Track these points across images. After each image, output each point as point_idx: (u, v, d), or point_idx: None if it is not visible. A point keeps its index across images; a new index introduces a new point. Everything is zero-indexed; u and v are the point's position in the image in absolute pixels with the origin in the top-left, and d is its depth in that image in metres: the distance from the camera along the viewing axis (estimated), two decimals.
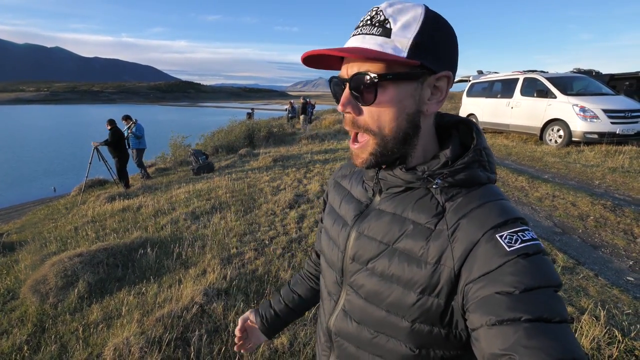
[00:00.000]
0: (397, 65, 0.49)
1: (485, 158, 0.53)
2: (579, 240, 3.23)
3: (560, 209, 3.91)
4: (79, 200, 6.37)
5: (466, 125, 0.58)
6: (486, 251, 0.45)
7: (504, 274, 0.43)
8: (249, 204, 4.78)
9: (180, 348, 2.09)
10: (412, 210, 0.54)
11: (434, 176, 0.52)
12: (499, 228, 0.46)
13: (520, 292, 0.41)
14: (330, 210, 0.71)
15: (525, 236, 0.45)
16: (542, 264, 0.43)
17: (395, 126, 0.51)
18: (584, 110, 6.65)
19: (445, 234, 0.50)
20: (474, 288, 0.45)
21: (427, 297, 0.50)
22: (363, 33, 0.50)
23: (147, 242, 3.65)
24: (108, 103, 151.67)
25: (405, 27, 0.48)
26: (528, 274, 0.42)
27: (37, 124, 39.05)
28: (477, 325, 0.43)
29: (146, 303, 2.65)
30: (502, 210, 0.48)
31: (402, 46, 0.48)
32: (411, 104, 0.51)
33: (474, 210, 0.49)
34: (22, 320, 2.66)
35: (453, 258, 0.48)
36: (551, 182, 4.79)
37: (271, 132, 11.13)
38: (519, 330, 0.39)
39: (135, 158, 7.69)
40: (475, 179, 0.52)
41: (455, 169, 0.51)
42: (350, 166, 0.74)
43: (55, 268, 3.03)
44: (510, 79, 8.64)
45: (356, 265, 0.59)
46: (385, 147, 0.52)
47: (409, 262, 0.52)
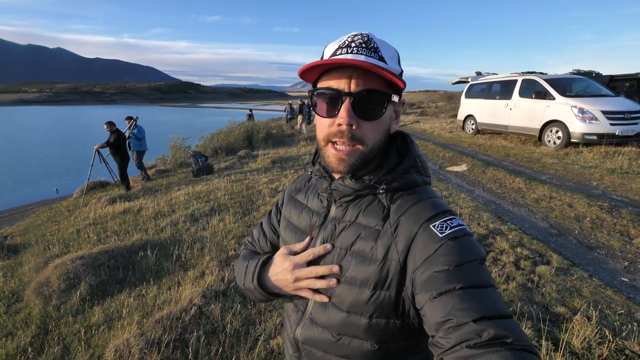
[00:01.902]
0: (389, 88, 0.57)
1: (420, 164, 0.62)
2: (574, 241, 3.26)
3: (557, 210, 3.94)
4: (81, 203, 6.43)
5: (401, 137, 0.66)
6: (424, 240, 0.53)
7: (439, 256, 0.50)
8: (248, 206, 4.82)
9: (179, 349, 2.13)
10: (363, 215, 0.60)
11: (380, 183, 0.59)
12: (432, 220, 0.54)
13: (453, 268, 0.48)
14: (289, 224, 0.73)
15: (453, 223, 0.54)
16: (468, 244, 0.52)
17: (379, 139, 0.59)
18: (583, 112, 6.66)
19: (390, 232, 0.57)
20: (418, 273, 0.51)
21: (380, 292, 0.56)
22: (364, 54, 0.56)
23: (147, 245, 3.70)
24: (109, 104, 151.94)
25: (392, 59, 0.58)
26: (458, 252, 0.50)
27: (39, 126, 39.18)
28: (422, 302, 0.50)
29: (146, 305, 2.70)
30: (433, 206, 0.57)
31: (395, 72, 0.56)
32: (389, 122, 0.61)
33: (411, 208, 0.57)
34: (26, 322, 2.71)
35: (397, 251, 0.55)
36: (548, 184, 4.82)
37: (270, 133, 11.17)
38: (454, 297, 0.46)
39: (135, 160, 7.74)
40: (412, 182, 0.60)
41: (396, 175, 0.60)
42: (302, 180, 0.78)
43: (58, 270, 3.07)
44: (508, 80, 8.66)
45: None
46: (369, 156, 0.59)
47: (363, 262, 0.58)
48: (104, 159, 6.83)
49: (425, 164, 0.64)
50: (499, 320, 0.43)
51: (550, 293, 2.42)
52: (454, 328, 0.44)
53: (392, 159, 0.62)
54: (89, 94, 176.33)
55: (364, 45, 0.56)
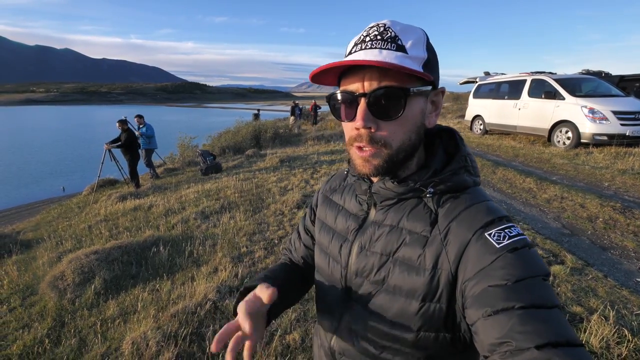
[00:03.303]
0: (414, 80, 0.51)
1: (470, 163, 0.57)
2: (587, 241, 3.23)
3: (569, 211, 3.91)
4: (91, 200, 6.51)
5: (448, 133, 0.61)
6: (477, 250, 0.48)
7: (496, 269, 0.45)
8: (257, 204, 4.85)
9: (195, 343, 2.15)
10: (407, 220, 0.55)
11: (426, 185, 0.54)
12: (487, 227, 0.49)
13: (512, 284, 0.43)
14: (324, 227, 0.70)
15: (512, 232, 0.48)
16: (530, 256, 0.46)
17: (407, 139, 0.53)
18: (593, 112, 6.60)
19: (439, 239, 0.52)
20: (469, 285, 0.47)
21: (429, 304, 0.51)
22: (378, 47, 0.50)
23: (159, 241, 3.73)
24: (116, 104, 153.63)
25: (416, 45, 0.51)
26: (518, 266, 0.45)
27: (46, 125, 39.70)
28: (474, 319, 0.45)
29: (160, 299, 2.73)
30: (488, 211, 0.51)
31: (417, 62, 0.50)
32: (420, 118, 0.54)
33: (462, 213, 0.52)
34: (42, 315, 2.75)
35: (449, 261, 0.50)
36: (560, 184, 4.78)
37: (277, 132, 11.22)
38: (513, 318, 0.41)
39: (144, 158, 7.82)
40: (462, 184, 0.55)
41: (444, 176, 0.54)
42: (338, 179, 0.74)
43: (73, 265, 3.12)
44: (517, 80, 8.60)
45: (359, 279, 0.59)
46: (397, 157, 0.54)
47: (409, 271, 0.53)
48: (115, 157, 6.91)
49: (475, 162, 0.58)
50: (567, 349, 0.38)
51: (565, 292, 2.41)
52: (512, 352, 0.40)
53: (439, 159, 0.56)
54: (95, 94, 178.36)
55: (379, 37, 0.51)
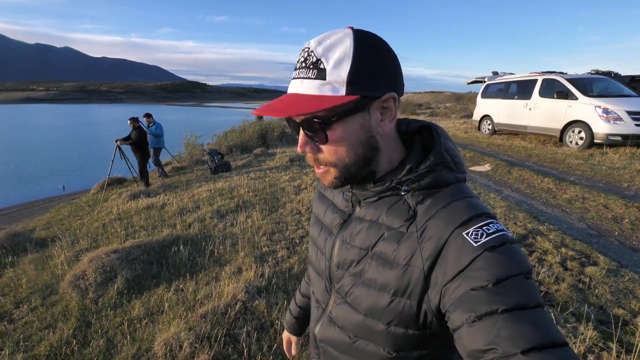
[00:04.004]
0: (339, 105, 0.49)
1: (449, 159, 0.54)
2: (616, 242, 3.18)
3: (592, 211, 3.86)
4: (101, 198, 6.44)
5: (428, 129, 0.60)
6: (455, 250, 0.47)
7: (475, 270, 0.44)
8: (273, 203, 4.79)
9: (230, 344, 2.10)
10: (386, 216, 0.56)
11: (401, 183, 0.54)
12: (464, 225, 0.48)
13: (493, 285, 0.42)
14: (316, 220, 0.73)
15: (490, 229, 0.46)
16: (510, 254, 0.44)
17: (352, 155, 0.53)
18: (607, 112, 6.55)
19: (415, 236, 0.51)
20: (450, 288, 0.45)
21: (399, 299, 0.52)
22: (301, 77, 0.50)
23: (177, 240, 3.68)
24: (115, 102, 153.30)
25: (338, 65, 0.48)
26: (497, 265, 0.43)
27: (45, 123, 39.52)
28: (458, 324, 0.44)
29: (186, 299, 2.67)
30: (466, 208, 0.50)
31: (339, 85, 0.48)
32: (363, 133, 0.52)
33: (440, 211, 0.51)
34: (64, 315, 2.70)
35: (422, 259, 0.49)
36: (579, 184, 4.73)
37: (284, 132, 11.17)
38: (498, 322, 0.40)
39: (152, 156, 7.76)
40: (442, 181, 0.53)
41: (419, 173, 0.53)
42: None
43: (94, 264, 3.06)
44: (528, 80, 8.56)
45: (341, 272, 0.61)
46: (348, 172, 0.55)
47: (384, 266, 0.54)
48: (124, 155, 6.84)
49: (458, 158, 0.56)
50: (552, 351, 0.38)
51: (603, 294, 2.36)
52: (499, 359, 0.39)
53: (414, 157, 0.56)
54: (95, 93, 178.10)
55: (303, 63, 0.50)
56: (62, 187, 9.94)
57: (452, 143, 0.57)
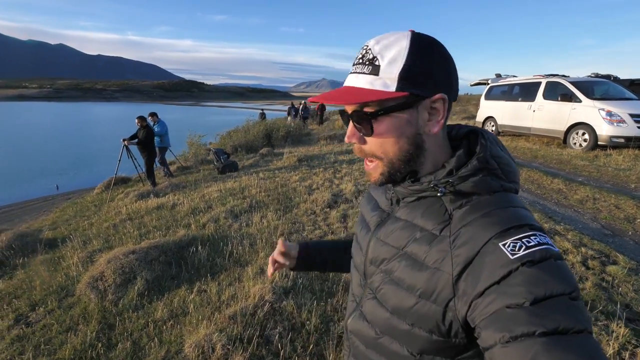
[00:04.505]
0: (388, 99, 0.52)
1: (496, 166, 0.53)
2: (631, 242, 3.23)
3: (604, 212, 3.91)
4: (107, 198, 6.38)
5: (476, 135, 0.59)
6: (489, 261, 0.44)
7: (512, 285, 0.41)
8: (286, 203, 4.78)
9: (264, 346, 2.08)
10: (421, 217, 0.56)
11: (439, 185, 0.54)
12: (502, 235, 0.45)
13: (531, 304, 0.39)
14: (361, 218, 0.76)
15: (531, 242, 0.43)
16: (553, 270, 0.41)
17: (397, 150, 0.55)
18: (611, 115, 6.65)
19: (448, 240, 0.51)
20: (483, 302, 0.43)
21: (425, 302, 0.51)
22: (357, 72, 0.54)
23: (194, 240, 3.65)
24: (111, 101, 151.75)
25: (392, 63, 0.51)
26: (536, 282, 0.40)
27: (38, 122, 38.85)
28: (490, 343, 0.41)
29: (210, 301, 2.65)
30: (508, 217, 0.47)
31: (390, 81, 0.51)
32: (410, 129, 0.54)
33: (479, 219, 0.49)
34: (84, 317, 2.66)
35: (452, 264, 0.48)
36: (588, 185, 4.79)
37: (289, 132, 11.15)
38: (535, 346, 0.37)
39: (158, 156, 7.69)
40: (484, 187, 0.52)
41: (458, 177, 0.52)
42: None
43: (112, 265, 3.02)
44: (531, 82, 8.64)
45: (373, 268, 0.63)
46: (392, 167, 0.57)
47: (413, 266, 0.54)
48: (132, 154, 6.78)
49: (509, 166, 0.54)
50: None
51: (627, 293, 2.39)
52: None
53: (457, 160, 0.55)
54: (90, 91, 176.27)
55: (361, 59, 0.54)
56: (56, 187, 9.74)
57: (502, 150, 0.56)
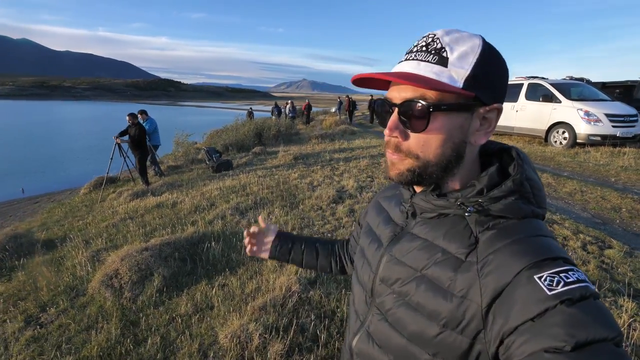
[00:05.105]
0: (450, 95, 0.48)
1: (529, 190, 0.49)
2: (620, 229, 3.51)
3: (593, 203, 4.21)
4: (99, 198, 6.14)
5: (509, 153, 0.54)
6: (523, 295, 0.41)
7: (549, 325, 0.37)
8: (291, 199, 4.80)
9: (299, 334, 2.13)
10: (443, 238, 0.52)
11: (467, 204, 0.50)
12: (537, 268, 0.42)
13: (572, 349, 0.36)
14: (368, 229, 0.71)
15: (570, 277, 0.40)
16: (595, 311, 0.38)
17: (439, 154, 0.50)
18: (588, 114, 7.14)
19: (475, 268, 0.47)
20: (517, 341, 0.39)
21: (450, 332, 0.47)
22: (418, 59, 0.49)
23: (205, 237, 3.61)
24: (80, 100, 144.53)
25: (462, 58, 0.48)
26: (578, 324, 0.36)
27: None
28: None
29: (234, 294, 2.65)
30: (541, 248, 0.44)
31: (458, 76, 0.47)
32: (459, 134, 0.50)
33: (508, 246, 0.45)
34: (102, 316, 2.59)
35: (481, 295, 0.45)
36: (574, 179, 5.13)
37: (280, 131, 11.13)
38: None
39: (149, 154, 7.47)
40: (514, 211, 0.48)
41: (490, 197, 0.48)
42: (393, 188, 0.74)
43: (127, 262, 2.95)
44: (514, 83, 9.09)
45: (384, 287, 0.58)
46: (425, 169, 0.51)
47: (435, 292, 0.50)
48: (124, 152, 6.56)
49: (541, 191, 0.51)
50: None
51: (626, 273, 2.62)
52: None
53: (488, 178, 0.50)
54: (57, 89, 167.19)
55: (424, 47, 0.50)
56: (22, 191, 9.19)
57: (535, 173, 0.52)
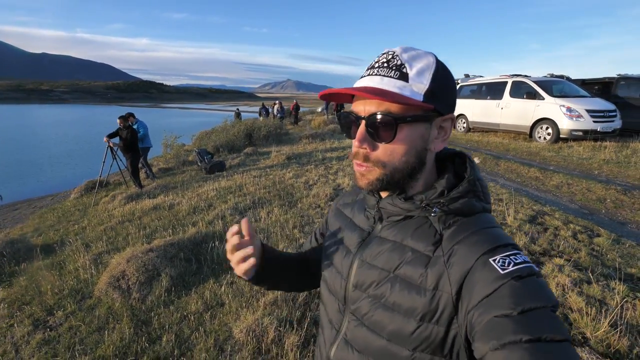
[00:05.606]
0: (412, 108, 0.53)
1: (480, 189, 0.57)
2: (606, 219, 3.72)
3: (579, 194, 4.43)
4: (92, 202, 6.03)
5: (461, 157, 0.62)
6: (481, 276, 0.47)
7: (501, 297, 0.44)
8: (288, 198, 4.85)
9: (313, 326, 2.19)
10: (411, 238, 0.56)
11: (432, 205, 0.55)
12: (492, 253, 0.49)
13: (518, 314, 0.42)
14: (332, 238, 0.72)
15: (518, 259, 0.47)
16: (537, 285, 0.45)
17: (405, 161, 0.55)
18: (570, 110, 7.46)
19: (442, 260, 0.52)
20: (475, 314, 0.45)
21: (427, 324, 0.51)
22: (381, 74, 0.53)
23: (207, 237, 3.63)
24: (59, 103, 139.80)
25: (421, 73, 0.53)
26: (524, 295, 0.43)
27: None
28: (482, 352, 0.44)
29: (243, 291, 2.69)
30: (494, 237, 0.51)
31: (418, 90, 0.52)
32: (421, 143, 0.56)
33: (468, 237, 0.52)
34: (113, 316, 2.59)
35: (450, 283, 0.50)
36: (560, 173, 5.38)
37: (270, 131, 11.14)
38: (521, 351, 0.40)
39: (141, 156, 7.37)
40: (470, 208, 0.55)
41: (450, 197, 0.55)
42: (352, 194, 0.77)
43: (134, 263, 2.95)
44: (499, 81, 9.40)
45: (358, 292, 0.60)
46: (392, 177, 0.56)
47: (409, 289, 0.53)
48: (116, 155, 6.45)
49: (486, 188, 0.58)
50: None
51: (615, 259, 2.79)
52: None
53: (447, 181, 0.57)
54: (35, 92, 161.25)
55: (386, 64, 0.54)
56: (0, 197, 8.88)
57: (480, 173, 0.59)
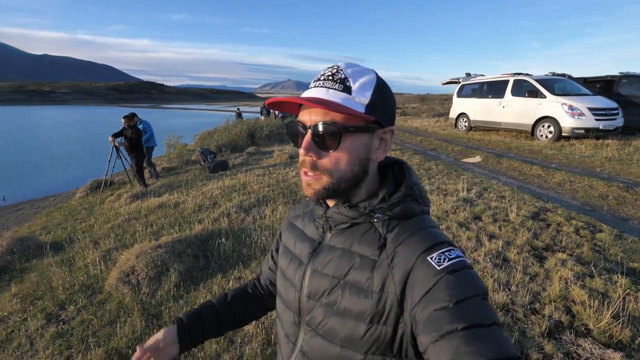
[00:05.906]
0: (355, 118, 0.56)
1: (417, 192, 0.60)
2: (608, 215, 3.75)
3: (581, 192, 4.47)
4: (97, 201, 6.09)
5: (399, 165, 0.66)
6: (421, 273, 0.50)
7: (438, 291, 0.47)
8: (292, 197, 4.91)
9: None
10: (358, 244, 0.59)
11: (375, 211, 0.58)
12: (429, 251, 0.52)
13: (453, 305, 0.46)
14: (285, 250, 0.74)
15: (451, 255, 0.51)
16: (468, 277, 0.49)
17: (349, 170, 0.58)
18: (572, 109, 7.48)
19: (386, 263, 0.55)
20: (418, 310, 0.48)
21: (376, 326, 0.53)
22: (326, 86, 0.56)
23: (214, 234, 3.69)
24: (60, 104, 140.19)
25: (363, 88, 0.56)
26: (457, 287, 0.47)
27: None
28: (425, 345, 0.46)
29: None
30: (430, 236, 0.55)
31: (360, 102, 0.56)
32: (364, 152, 0.59)
33: (407, 238, 0.55)
34: (124, 310, 2.65)
35: (394, 284, 0.53)
36: (562, 170, 5.41)
37: (272, 131, 11.20)
38: (458, 339, 0.43)
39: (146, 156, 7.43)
40: (409, 211, 0.58)
41: (391, 203, 0.58)
42: (302, 206, 0.79)
43: (143, 259, 3.00)
44: (500, 80, 9.43)
45: (312, 302, 0.62)
46: (338, 186, 0.58)
47: (358, 294, 0.55)
48: (122, 154, 6.51)
49: (424, 192, 0.62)
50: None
51: (617, 253, 2.83)
52: None
53: (387, 187, 0.61)
54: (36, 94, 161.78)
55: (330, 77, 0.57)
56: (3, 198, 8.96)
57: (417, 179, 0.63)
